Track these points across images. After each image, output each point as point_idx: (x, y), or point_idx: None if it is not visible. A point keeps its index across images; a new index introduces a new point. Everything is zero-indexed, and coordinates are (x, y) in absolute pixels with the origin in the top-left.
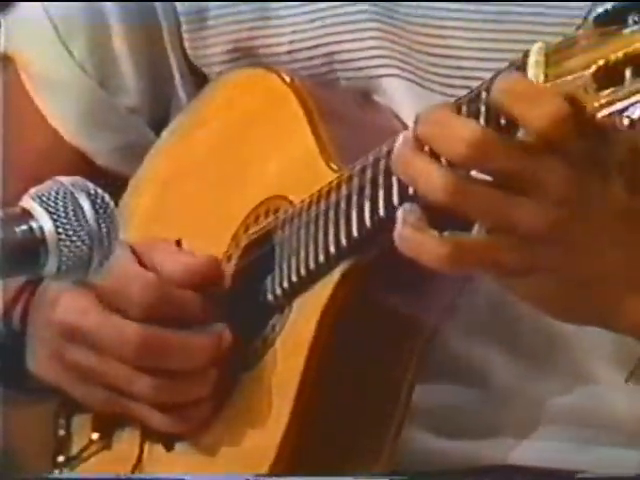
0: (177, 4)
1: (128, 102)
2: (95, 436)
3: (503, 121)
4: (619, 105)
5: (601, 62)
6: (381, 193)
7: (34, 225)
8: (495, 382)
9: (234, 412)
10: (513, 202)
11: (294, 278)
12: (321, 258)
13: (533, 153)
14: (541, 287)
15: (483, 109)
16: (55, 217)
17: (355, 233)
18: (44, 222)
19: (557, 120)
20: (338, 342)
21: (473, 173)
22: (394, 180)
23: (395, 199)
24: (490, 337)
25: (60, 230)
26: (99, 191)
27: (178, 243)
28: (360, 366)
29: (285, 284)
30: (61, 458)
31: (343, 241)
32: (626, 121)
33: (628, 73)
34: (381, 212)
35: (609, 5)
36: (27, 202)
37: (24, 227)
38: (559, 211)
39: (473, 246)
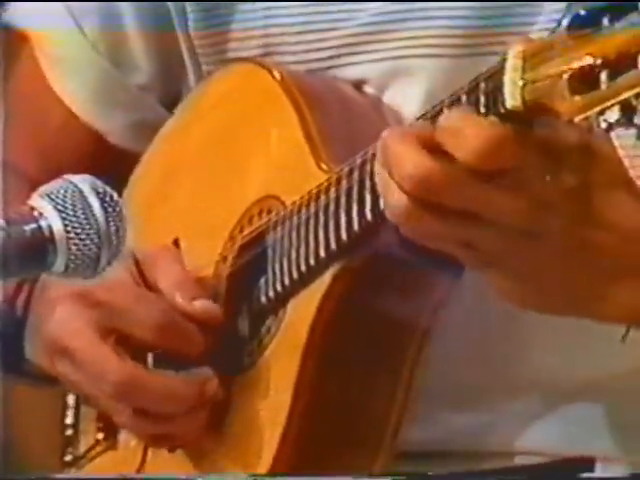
0: None
1: (139, 80)
2: (100, 436)
3: (503, 110)
4: (595, 109)
5: (576, 66)
6: (368, 196)
7: (43, 224)
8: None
9: (233, 414)
10: (465, 238)
11: (286, 281)
12: (312, 261)
13: (480, 185)
14: (508, 285)
15: (482, 99)
16: (64, 216)
17: (344, 236)
18: (53, 221)
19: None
20: (332, 343)
21: None
22: None
23: (382, 202)
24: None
25: (69, 229)
26: (108, 189)
27: (176, 243)
28: (355, 366)
29: (278, 287)
30: (69, 457)
31: (333, 244)
32: (603, 124)
33: (603, 76)
34: (368, 215)
35: (582, 11)
36: (36, 201)
37: (33, 226)
38: (520, 237)
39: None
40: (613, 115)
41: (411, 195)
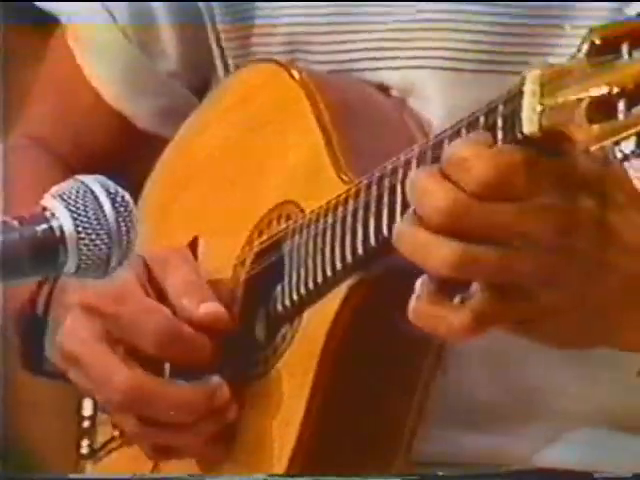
0: None
1: (168, 67)
2: (116, 433)
3: (520, 135)
4: (611, 139)
5: (594, 94)
6: (385, 211)
7: (54, 224)
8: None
9: (247, 420)
10: (509, 261)
11: (302, 291)
12: (328, 272)
13: (508, 212)
14: (549, 329)
15: (500, 122)
16: (75, 216)
17: (360, 250)
18: (64, 221)
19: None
20: (347, 354)
21: None
22: (398, 199)
23: (398, 218)
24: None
25: (80, 229)
26: (119, 190)
27: (194, 242)
28: (370, 376)
29: (294, 295)
30: (85, 449)
31: (349, 257)
32: (619, 155)
33: (621, 106)
34: (385, 231)
35: (598, 40)
36: (48, 201)
37: (44, 226)
38: (550, 258)
39: (487, 311)
40: (629, 146)
41: (441, 229)
